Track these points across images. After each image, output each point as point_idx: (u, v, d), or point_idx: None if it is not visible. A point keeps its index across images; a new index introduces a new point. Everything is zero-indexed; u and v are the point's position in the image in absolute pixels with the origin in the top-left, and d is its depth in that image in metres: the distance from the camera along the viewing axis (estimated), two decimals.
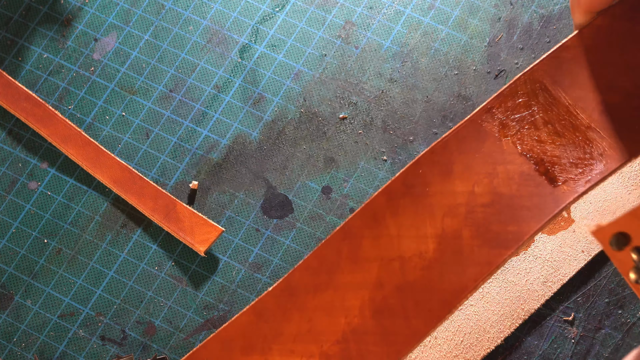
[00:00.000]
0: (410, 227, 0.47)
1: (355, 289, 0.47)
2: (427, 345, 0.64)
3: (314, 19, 0.73)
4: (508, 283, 0.66)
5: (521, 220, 0.46)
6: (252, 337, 0.48)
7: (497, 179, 0.47)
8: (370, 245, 0.47)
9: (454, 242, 0.47)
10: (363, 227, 0.48)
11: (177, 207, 0.67)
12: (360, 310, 0.47)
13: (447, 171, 0.47)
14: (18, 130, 0.70)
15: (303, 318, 0.48)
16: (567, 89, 0.47)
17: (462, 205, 0.47)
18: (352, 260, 0.48)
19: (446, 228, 0.47)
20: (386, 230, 0.47)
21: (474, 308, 0.65)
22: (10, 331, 0.66)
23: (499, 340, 0.64)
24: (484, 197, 0.46)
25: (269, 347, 0.48)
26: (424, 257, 0.47)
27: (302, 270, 0.49)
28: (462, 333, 0.65)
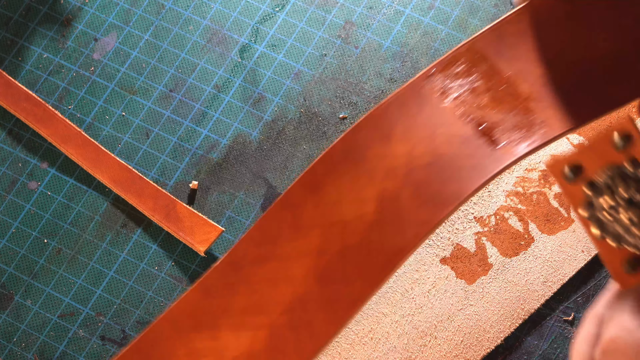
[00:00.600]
0: (350, 191, 0.47)
1: (299, 258, 0.47)
2: (427, 345, 0.64)
3: (314, 18, 0.73)
4: (508, 283, 0.66)
5: (461, 180, 0.46)
6: (201, 315, 0.48)
7: (437, 141, 0.47)
8: (312, 213, 0.47)
9: (393, 203, 0.46)
10: (304, 195, 0.48)
11: (177, 207, 0.67)
12: (304, 278, 0.47)
13: (387, 135, 0.47)
14: (18, 130, 0.70)
15: (250, 291, 0.48)
16: (509, 61, 0.47)
17: (402, 167, 0.46)
18: (294, 228, 0.47)
19: (385, 190, 0.46)
20: (327, 197, 0.47)
21: (473, 308, 0.65)
22: (10, 331, 0.66)
23: (498, 340, 0.64)
24: (423, 158, 0.46)
25: (218, 323, 0.48)
26: (364, 220, 0.46)
27: (245, 243, 0.48)
28: (462, 333, 0.65)
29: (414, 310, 0.65)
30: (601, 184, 0.41)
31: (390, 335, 0.64)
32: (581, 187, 0.42)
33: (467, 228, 0.67)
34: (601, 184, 0.41)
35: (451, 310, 0.65)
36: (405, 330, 0.64)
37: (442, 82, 0.47)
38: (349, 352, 0.64)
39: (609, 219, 0.41)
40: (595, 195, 0.42)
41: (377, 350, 0.64)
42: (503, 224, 0.67)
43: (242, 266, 0.48)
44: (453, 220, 0.67)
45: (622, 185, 0.41)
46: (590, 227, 0.42)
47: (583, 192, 0.42)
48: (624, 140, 0.40)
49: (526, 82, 0.47)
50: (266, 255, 0.47)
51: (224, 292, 0.48)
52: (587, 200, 0.42)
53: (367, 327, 0.64)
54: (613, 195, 0.41)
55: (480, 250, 0.66)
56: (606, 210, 0.41)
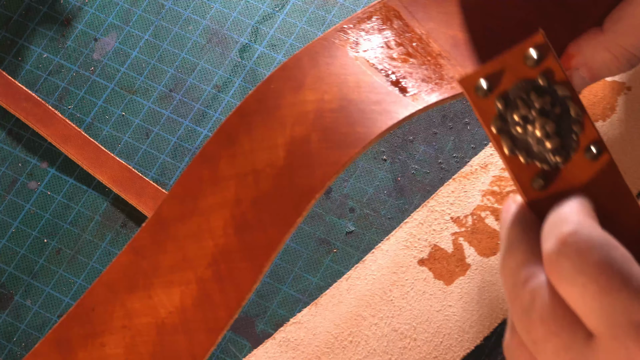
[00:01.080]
0: (262, 140, 0.47)
1: (217, 210, 0.48)
2: (407, 347, 0.64)
3: (313, 18, 0.73)
4: (486, 283, 0.65)
5: (370, 123, 0.46)
6: (134, 276, 0.49)
7: (347, 87, 0.47)
8: (227, 165, 0.48)
9: (303, 146, 0.47)
10: (219, 148, 0.48)
11: None
12: (224, 230, 0.47)
13: (299, 85, 0.48)
14: (18, 130, 0.70)
15: (176, 247, 0.48)
16: (421, 21, 0.48)
17: (311, 112, 0.47)
18: (212, 182, 0.48)
19: (295, 135, 0.47)
20: (240, 148, 0.48)
21: (452, 309, 0.65)
22: (10, 331, 0.66)
23: (478, 341, 0.64)
24: (333, 103, 0.47)
25: (150, 282, 0.49)
26: (275, 165, 0.47)
27: (169, 201, 0.49)
28: (441, 334, 0.64)
29: (392, 312, 0.65)
30: (514, 97, 0.41)
31: (369, 338, 0.64)
32: (493, 102, 0.42)
33: (444, 229, 0.67)
34: (514, 97, 0.41)
35: (430, 312, 0.65)
36: (385, 333, 0.64)
37: (355, 36, 0.48)
38: (328, 356, 0.64)
39: (521, 132, 0.41)
40: (508, 109, 0.42)
41: (357, 354, 0.64)
42: (480, 223, 0.67)
43: (167, 224, 0.49)
44: (430, 221, 0.67)
45: (535, 97, 0.41)
46: (501, 143, 0.42)
47: (494, 106, 0.42)
48: (538, 56, 0.41)
49: (437, 41, 0.48)
50: (189, 211, 0.48)
51: (153, 251, 0.49)
52: (499, 115, 0.42)
53: (346, 330, 0.64)
54: (526, 107, 0.41)
55: (458, 251, 0.66)
56: (518, 123, 0.41)
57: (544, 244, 0.37)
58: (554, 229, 0.37)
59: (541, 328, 0.37)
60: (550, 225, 0.38)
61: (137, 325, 0.49)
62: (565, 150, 0.41)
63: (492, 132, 0.42)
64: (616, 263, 0.36)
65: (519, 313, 0.38)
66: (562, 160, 0.41)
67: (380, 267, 0.66)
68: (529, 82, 0.41)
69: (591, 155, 0.41)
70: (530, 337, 0.37)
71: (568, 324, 0.36)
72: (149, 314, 0.48)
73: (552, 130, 0.41)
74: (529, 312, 0.37)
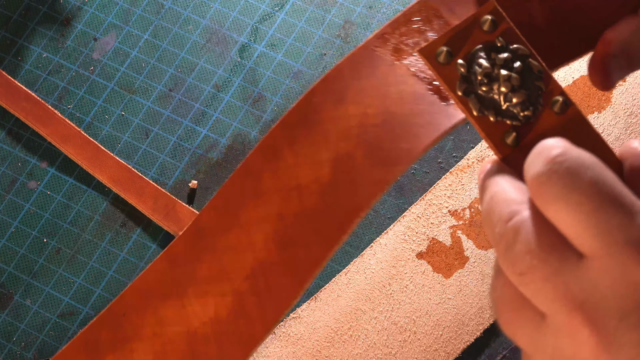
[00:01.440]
0: (306, 155, 0.47)
1: (259, 223, 0.48)
2: (407, 340, 0.64)
3: (313, 18, 0.73)
4: (485, 275, 0.66)
5: (413, 137, 0.46)
6: (168, 284, 0.49)
7: (389, 100, 0.47)
8: (270, 178, 0.48)
9: (348, 163, 0.47)
10: (263, 162, 0.48)
11: (176, 206, 0.67)
12: (265, 244, 0.47)
13: (341, 98, 0.47)
14: (17, 129, 0.70)
15: (214, 259, 0.48)
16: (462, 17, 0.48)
17: (355, 127, 0.47)
18: (254, 195, 0.48)
19: (340, 151, 0.47)
20: (284, 162, 0.48)
21: (452, 301, 0.65)
22: (9, 331, 0.66)
23: (478, 333, 0.64)
24: (376, 118, 0.47)
25: (184, 292, 0.49)
26: (320, 182, 0.47)
27: (208, 211, 0.49)
28: (441, 327, 0.65)
29: (392, 306, 0.65)
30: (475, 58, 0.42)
31: (369, 332, 0.64)
32: (455, 67, 0.42)
33: (442, 222, 0.67)
34: (475, 59, 0.42)
35: (429, 305, 0.65)
36: (385, 327, 0.64)
37: (396, 42, 0.47)
38: (329, 349, 0.64)
39: (486, 90, 0.42)
40: (471, 70, 0.42)
41: (357, 347, 0.64)
42: (478, 216, 0.67)
43: (206, 235, 0.48)
44: (428, 215, 0.67)
45: (495, 55, 0.42)
46: (469, 104, 0.42)
47: (457, 71, 0.42)
48: (493, 21, 0.42)
49: None
50: (229, 223, 0.48)
51: (189, 261, 0.49)
52: (462, 78, 0.42)
53: (346, 324, 0.65)
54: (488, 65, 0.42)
55: (456, 244, 0.66)
56: (482, 82, 0.42)
57: (530, 169, 0.37)
58: (539, 155, 0.37)
59: (527, 258, 0.36)
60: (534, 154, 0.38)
61: (168, 334, 0.48)
62: (532, 105, 0.42)
63: (457, 96, 0.42)
64: (609, 181, 0.35)
65: (502, 250, 0.37)
66: (531, 114, 0.42)
67: (379, 261, 0.66)
68: (488, 45, 0.42)
69: (559, 109, 0.42)
70: (515, 270, 0.37)
71: (556, 249, 0.36)
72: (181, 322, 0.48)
73: (517, 83, 0.42)
74: (513, 245, 0.37)
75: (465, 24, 0.43)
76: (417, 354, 0.64)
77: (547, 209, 0.36)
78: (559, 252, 0.36)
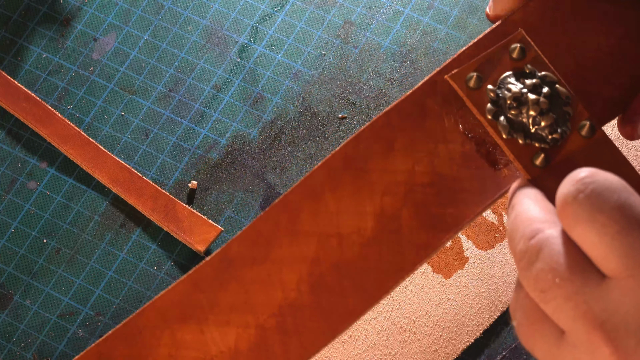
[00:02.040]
0: (349, 203, 0.46)
1: (293, 263, 0.47)
2: (406, 341, 0.64)
3: (313, 18, 0.73)
4: (484, 276, 0.66)
5: (461, 203, 0.46)
6: (189, 307, 0.48)
7: (438, 159, 0.46)
8: (309, 220, 0.47)
9: (393, 221, 0.46)
10: (302, 201, 0.47)
11: (176, 206, 0.67)
12: (297, 285, 0.46)
13: (388, 148, 0.46)
14: (17, 130, 0.70)
15: (240, 289, 0.47)
16: None
17: (402, 184, 0.46)
18: (290, 233, 0.47)
19: (385, 206, 0.46)
20: (325, 206, 0.47)
21: (451, 302, 0.65)
22: (9, 331, 0.66)
23: (477, 333, 0.65)
24: (424, 177, 0.46)
25: (205, 317, 0.48)
26: (363, 234, 0.46)
27: (240, 241, 0.48)
28: (441, 327, 0.65)
29: (392, 306, 0.65)
30: (505, 83, 0.44)
31: (369, 333, 0.64)
32: (484, 92, 0.44)
33: None
34: (505, 84, 0.44)
35: (429, 305, 0.65)
36: (384, 327, 0.65)
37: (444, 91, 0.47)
38: (328, 350, 0.64)
39: (515, 114, 0.43)
40: (500, 95, 0.43)
41: (357, 348, 0.64)
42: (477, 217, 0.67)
43: (234, 264, 0.48)
44: None
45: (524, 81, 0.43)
46: (498, 127, 0.43)
47: (487, 96, 0.44)
48: (521, 49, 0.44)
49: None
50: (260, 256, 0.47)
51: (213, 287, 0.48)
52: (492, 102, 0.43)
53: None
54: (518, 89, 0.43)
55: (456, 244, 0.66)
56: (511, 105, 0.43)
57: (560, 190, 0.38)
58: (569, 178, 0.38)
59: (550, 275, 0.37)
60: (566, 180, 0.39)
61: (184, 357, 0.48)
62: (560, 128, 0.43)
63: (487, 119, 0.43)
64: (635, 205, 0.36)
65: (525, 266, 0.38)
66: (559, 137, 0.43)
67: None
68: (517, 71, 0.44)
69: (586, 133, 0.43)
70: (537, 287, 0.37)
71: (579, 268, 0.37)
72: (198, 348, 0.47)
73: (545, 107, 0.43)
74: (536, 262, 0.37)
75: (494, 50, 0.44)
76: (416, 354, 0.64)
77: (573, 229, 0.37)
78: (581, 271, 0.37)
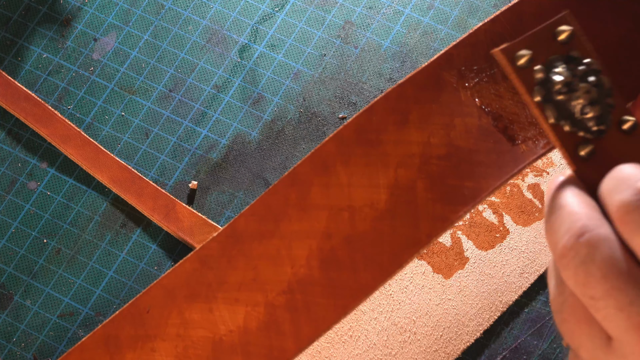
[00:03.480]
0: (361, 176, 0.45)
1: (303, 238, 0.45)
2: (406, 341, 0.64)
3: (313, 18, 0.73)
4: (485, 276, 0.66)
5: (479, 176, 0.44)
6: (197, 285, 0.47)
7: (454, 131, 0.44)
8: (320, 194, 0.45)
9: (408, 193, 0.44)
10: (312, 174, 0.45)
11: (176, 206, 0.67)
12: (307, 261, 0.45)
13: (403, 120, 0.45)
14: (17, 130, 0.70)
15: (248, 266, 0.46)
16: None
17: (417, 156, 0.44)
18: (300, 208, 0.45)
19: (399, 179, 0.44)
20: (336, 179, 0.45)
21: (452, 302, 0.65)
22: (9, 331, 0.66)
23: (478, 334, 0.65)
24: (440, 149, 0.44)
25: (213, 295, 0.46)
26: (376, 207, 0.44)
27: (247, 217, 0.46)
28: (441, 327, 0.65)
29: (392, 306, 0.65)
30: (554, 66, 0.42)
31: (369, 333, 0.64)
32: (532, 72, 0.42)
33: None
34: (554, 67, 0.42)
35: (429, 305, 0.65)
36: (385, 327, 0.65)
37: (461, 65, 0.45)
38: (329, 350, 0.64)
39: (563, 100, 0.42)
40: (549, 78, 0.42)
41: (357, 348, 0.64)
42: (478, 217, 0.67)
43: (242, 240, 0.46)
44: None
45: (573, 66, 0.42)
46: (546, 111, 0.42)
47: (534, 76, 0.42)
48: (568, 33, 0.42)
49: None
50: (268, 232, 0.46)
51: (221, 264, 0.46)
52: (540, 83, 0.42)
53: (346, 325, 0.65)
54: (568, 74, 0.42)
55: (456, 245, 0.66)
56: (560, 91, 0.42)
57: (616, 196, 0.37)
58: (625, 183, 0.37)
59: (602, 283, 0.36)
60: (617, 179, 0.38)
61: (192, 337, 0.47)
62: (604, 121, 0.42)
63: (535, 102, 0.42)
64: None
65: (573, 267, 0.37)
66: (603, 129, 0.42)
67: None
68: (564, 56, 0.42)
69: (628, 129, 0.42)
70: (588, 293, 0.37)
71: (634, 279, 0.36)
72: (207, 327, 0.46)
73: (595, 96, 0.41)
74: (588, 265, 0.36)
75: (542, 31, 0.42)
76: (417, 354, 0.64)
77: (632, 238, 0.36)
78: (636, 282, 0.36)
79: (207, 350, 0.46)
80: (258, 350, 0.46)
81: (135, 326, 0.48)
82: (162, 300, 0.47)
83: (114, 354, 0.48)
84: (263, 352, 0.46)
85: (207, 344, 0.46)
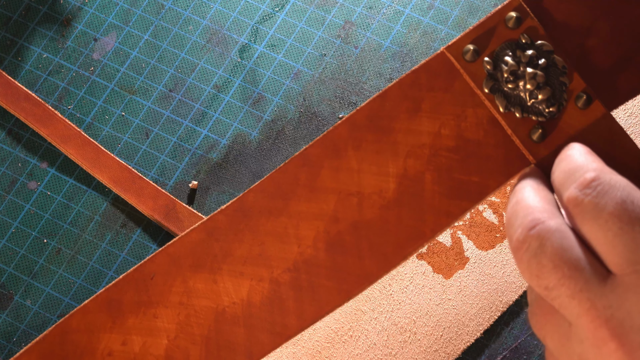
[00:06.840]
0: (371, 162, 0.45)
1: (310, 219, 0.45)
2: (407, 341, 0.64)
3: (313, 18, 0.73)
4: (485, 276, 0.66)
5: (486, 172, 0.44)
6: (202, 255, 0.47)
7: (465, 123, 0.44)
8: (329, 176, 0.45)
9: (416, 185, 0.44)
10: (323, 157, 0.46)
11: (176, 206, 0.67)
12: (313, 241, 0.45)
13: (415, 108, 0.45)
14: (18, 130, 0.70)
15: (255, 241, 0.46)
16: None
17: (427, 147, 0.44)
18: (309, 188, 0.46)
19: (408, 169, 0.45)
20: (346, 163, 0.45)
21: (452, 302, 0.65)
22: (9, 331, 0.66)
23: (478, 334, 0.65)
24: (449, 141, 0.44)
25: (218, 267, 0.47)
26: (384, 196, 0.45)
27: (256, 192, 0.47)
28: (441, 327, 0.65)
29: (392, 306, 0.65)
30: (501, 56, 0.43)
31: (369, 333, 0.65)
32: (481, 64, 0.43)
33: None
34: (501, 56, 0.43)
35: (430, 305, 0.65)
36: (385, 327, 0.65)
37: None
38: (329, 350, 0.64)
39: (512, 87, 0.43)
40: (497, 68, 0.43)
41: (357, 348, 0.64)
42: (478, 217, 0.67)
43: (250, 215, 0.46)
44: None
45: (521, 53, 0.43)
46: (495, 101, 0.42)
47: (483, 68, 0.43)
48: (517, 17, 0.43)
49: None
50: (276, 209, 0.46)
51: (228, 237, 0.46)
52: (488, 75, 0.43)
53: (346, 325, 0.65)
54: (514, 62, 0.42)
55: (456, 245, 0.66)
56: (508, 79, 0.43)
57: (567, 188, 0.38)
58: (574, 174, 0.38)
59: (554, 272, 0.37)
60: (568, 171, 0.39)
61: (195, 306, 0.47)
62: (557, 101, 0.42)
63: (484, 93, 0.43)
64: (637, 201, 0.37)
65: (526, 260, 0.38)
66: (556, 110, 0.42)
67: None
68: (513, 42, 0.43)
69: (582, 105, 0.42)
70: (542, 284, 0.38)
71: (582, 266, 0.37)
72: (210, 297, 0.47)
73: (542, 80, 0.42)
74: (539, 257, 0.38)
75: (490, 21, 0.43)
76: (417, 354, 0.64)
77: (581, 227, 0.37)
78: (584, 269, 0.37)
79: (209, 319, 0.47)
80: (260, 324, 0.46)
81: (139, 292, 0.48)
82: (167, 268, 0.47)
83: (116, 317, 0.48)
84: (266, 326, 0.46)
85: (210, 313, 0.47)
